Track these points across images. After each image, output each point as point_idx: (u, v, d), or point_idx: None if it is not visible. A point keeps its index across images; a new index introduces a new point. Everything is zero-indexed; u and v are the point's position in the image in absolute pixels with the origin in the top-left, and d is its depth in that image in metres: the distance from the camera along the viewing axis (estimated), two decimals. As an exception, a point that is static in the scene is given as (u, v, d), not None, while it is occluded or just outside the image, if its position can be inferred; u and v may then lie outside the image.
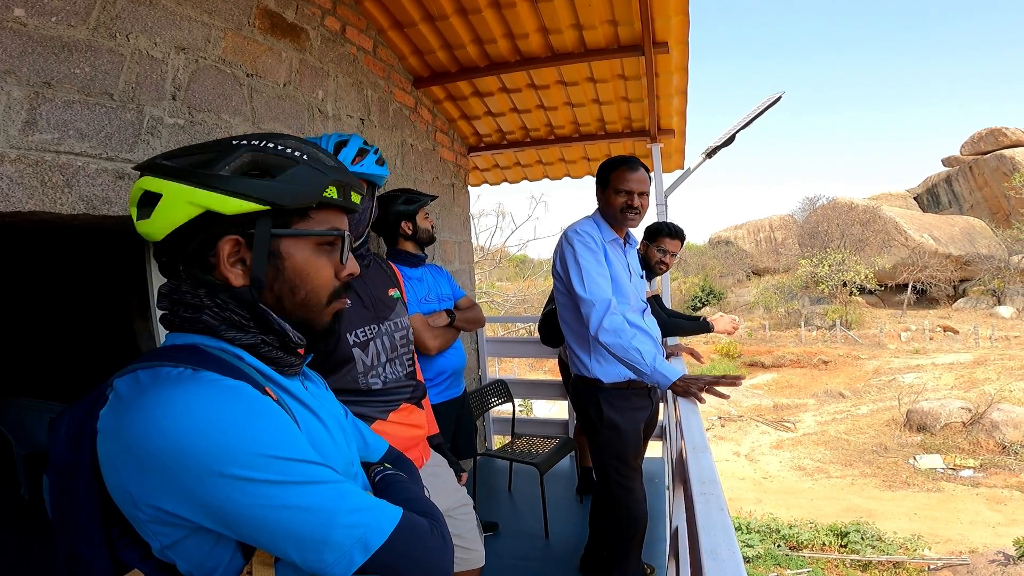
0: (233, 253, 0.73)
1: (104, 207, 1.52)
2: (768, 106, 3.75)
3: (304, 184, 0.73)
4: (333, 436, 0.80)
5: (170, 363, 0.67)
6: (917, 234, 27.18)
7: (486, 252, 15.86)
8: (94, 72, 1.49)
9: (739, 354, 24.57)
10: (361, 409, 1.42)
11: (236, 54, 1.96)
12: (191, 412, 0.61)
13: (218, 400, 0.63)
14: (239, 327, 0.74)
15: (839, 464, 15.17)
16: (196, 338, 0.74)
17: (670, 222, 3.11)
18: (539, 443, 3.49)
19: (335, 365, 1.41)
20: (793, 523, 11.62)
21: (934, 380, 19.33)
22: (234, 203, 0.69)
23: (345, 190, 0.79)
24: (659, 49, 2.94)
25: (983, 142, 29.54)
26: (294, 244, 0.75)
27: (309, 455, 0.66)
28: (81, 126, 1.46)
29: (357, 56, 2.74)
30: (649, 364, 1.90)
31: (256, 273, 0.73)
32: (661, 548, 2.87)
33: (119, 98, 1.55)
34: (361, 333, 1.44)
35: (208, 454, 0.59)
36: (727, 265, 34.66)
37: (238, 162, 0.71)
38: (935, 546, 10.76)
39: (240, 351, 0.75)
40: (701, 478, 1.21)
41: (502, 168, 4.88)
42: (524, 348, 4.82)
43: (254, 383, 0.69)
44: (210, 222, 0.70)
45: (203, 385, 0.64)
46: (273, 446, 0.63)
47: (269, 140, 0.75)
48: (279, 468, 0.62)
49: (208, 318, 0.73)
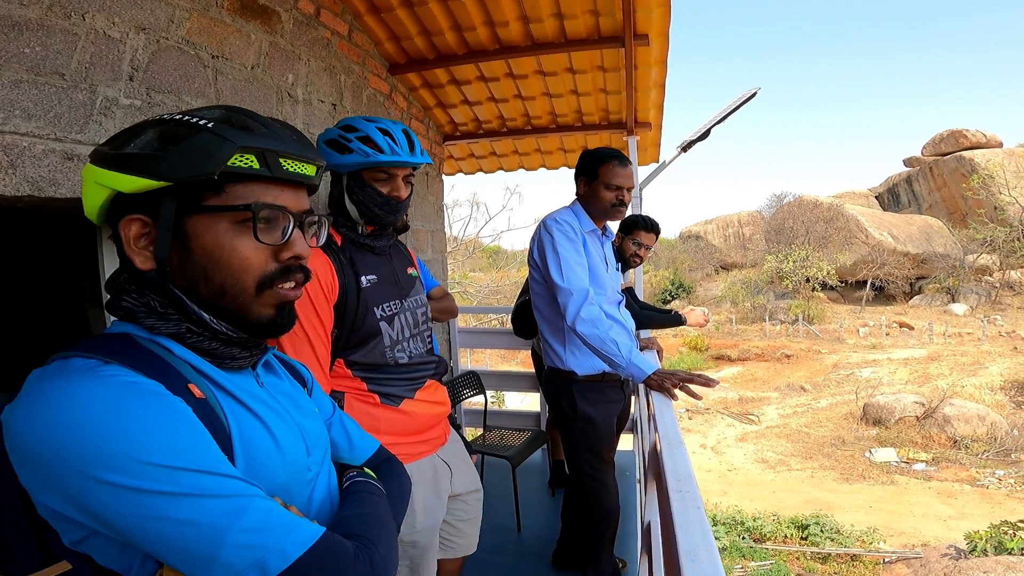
0: (142, 235, 0.68)
1: (51, 189, 1.43)
2: (744, 101, 3.77)
3: (201, 153, 0.65)
4: (278, 440, 0.72)
5: (86, 353, 0.62)
6: (877, 232, 27.91)
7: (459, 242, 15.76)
8: (45, 51, 1.40)
9: (706, 347, 25.02)
10: (390, 388, 1.44)
11: (201, 35, 1.86)
12: (71, 409, 0.55)
13: (105, 397, 0.57)
14: (157, 314, 0.69)
15: (800, 457, 15.57)
16: (129, 327, 0.69)
17: (646, 215, 3.11)
18: (511, 436, 3.47)
19: (363, 339, 1.40)
20: (757, 515, 11.89)
21: (890, 375, 19.93)
22: (128, 180, 0.65)
23: (269, 156, 0.68)
24: (639, 41, 2.92)
25: (944, 143, 30.43)
26: (203, 222, 0.68)
27: (207, 464, 0.59)
28: (28, 106, 1.36)
29: (331, 40, 2.64)
30: (625, 356, 1.88)
31: (158, 253, 0.68)
32: (633, 542, 2.89)
33: (71, 78, 1.46)
34: (387, 308, 1.44)
35: (81, 456, 0.54)
36: (696, 259, 35.17)
37: (144, 137, 0.67)
38: (889, 539, 11.14)
39: (168, 342, 0.69)
40: (677, 475, 1.19)
41: (477, 157, 4.82)
42: (496, 339, 4.79)
43: (176, 379, 0.64)
44: (119, 203, 0.68)
45: (95, 380, 0.58)
46: (158, 452, 0.56)
47: (190, 112, 0.69)
48: (161, 476, 0.56)
49: (128, 304, 0.69)
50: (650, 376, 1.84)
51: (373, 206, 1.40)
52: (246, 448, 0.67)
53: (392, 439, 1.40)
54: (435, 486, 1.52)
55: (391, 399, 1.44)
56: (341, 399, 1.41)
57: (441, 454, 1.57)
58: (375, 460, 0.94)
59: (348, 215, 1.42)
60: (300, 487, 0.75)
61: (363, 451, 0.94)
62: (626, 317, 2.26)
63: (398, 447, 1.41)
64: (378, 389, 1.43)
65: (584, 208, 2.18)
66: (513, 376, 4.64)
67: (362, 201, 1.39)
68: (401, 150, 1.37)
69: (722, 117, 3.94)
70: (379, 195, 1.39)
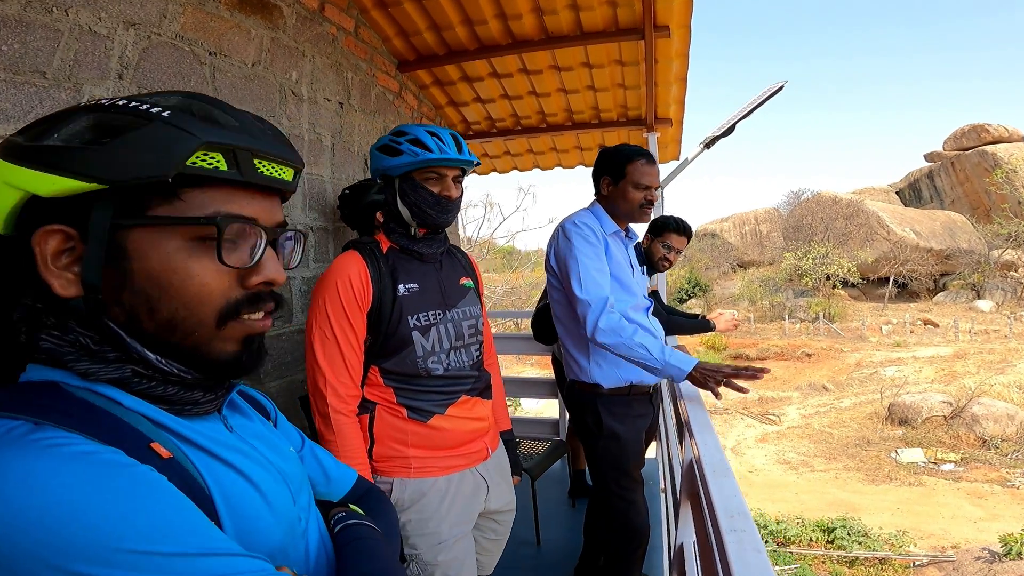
0: (63, 251, 0.53)
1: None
2: (771, 95, 3.62)
3: (149, 149, 0.51)
4: (265, 494, 0.60)
5: (7, 413, 0.47)
6: (899, 228, 27.51)
7: (473, 243, 15.70)
8: (24, 49, 1.31)
9: (724, 347, 24.73)
10: (419, 401, 1.43)
11: (197, 31, 1.76)
12: (15, 493, 0.41)
13: (50, 476, 0.43)
14: (90, 355, 0.54)
15: (823, 458, 15.32)
16: (54, 373, 0.53)
17: (678, 217, 2.95)
18: (529, 445, 3.35)
19: (395, 348, 1.40)
20: (780, 518, 11.70)
21: (915, 373, 19.59)
22: (47, 180, 0.50)
23: (240, 156, 0.55)
24: (660, 33, 2.78)
25: (965, 138, 29.93)
26: (148, 238, 0.53)
27: (202, 544, 0.47)
28: (6, 107, 1.27)
29: (337, 36, 2.54)
30: (659, 358, 1.73)
31: (88, 278, 0.52)
32: (658, 557, 2.75)
33: (53, 77, 1.36)
34: (424, 317, 1.43)
35: (47, 547, 0.41)
36: (713, 258, 34.87)
37: (74, 126, 0.52)
38: (919, 541, 10.90)
39: (111, 390, 0.54)
40: (729, 511, 1.05)
41: (491, 157, 4.71)
42: (511, 344, 4.68)
43: (135, 438, 0.51)
44: (33, 209, 0.52)
45: (30, 452, 0.44)
46: (141, 537, 0.44)
47: (137, 98, 0.55)
48: (153, 566, 0.43)
49: (49, 343, 0.53)
50: (691, 373, 1.70)
51: (425, 206, 1.40)
52: (232, 510, 0.55)
53: (420, 452, 1.42)
54: (467, 501, 1.50)
55: (419, 413, 1.43)
56: (372, 410, 1.41)
57: (480, 469, 1.54)
58: (356, 492, 0.83)
59: (400, 219, 1.43)
60: (295, 542, 0.63)
61: (341, 484, 0.82)
62: (655, 324, 2.13)
63: (427, 460, 1.43)
64: (407, 402, 1.42)
65: (606, 209, 2.04)
66: (530, 382, 4.52)
67: (414, 202, 1.40)
68: (449, 149, 1.38)
69: (748, 112, 3.79)
70: (431, 195, 1.40)
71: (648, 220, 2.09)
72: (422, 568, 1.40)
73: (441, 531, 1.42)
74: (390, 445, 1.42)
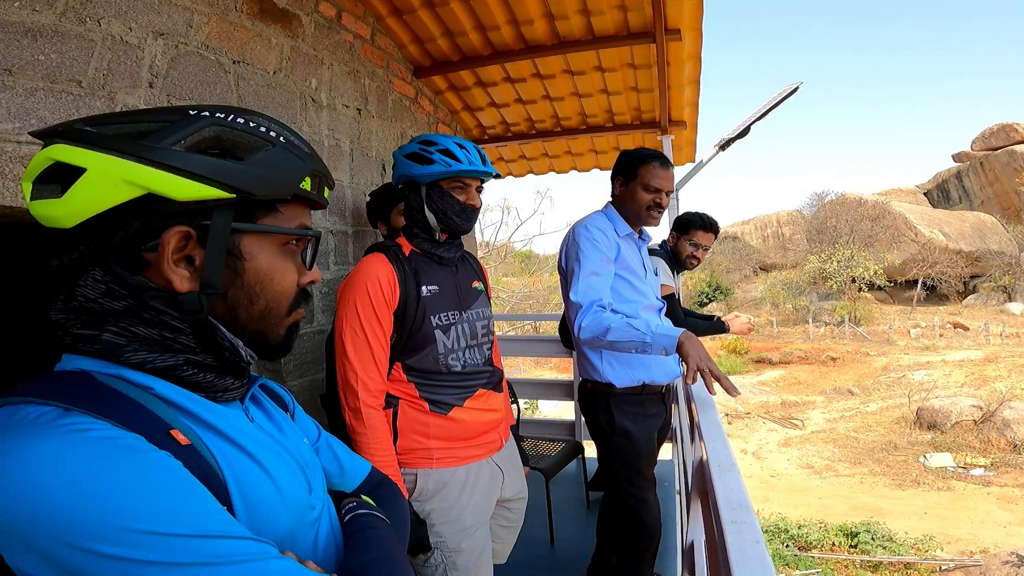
0: (179, 249, 0.58)
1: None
2: (785, 96, 3.61)
3: (279, 171, 0.61)
4: (276, 480, 0.64)
5: (39, 399, 0.51)
6: (927, 230, 26.93)
7: (491, 247, 15.76)
8: (61, 59, 1.38)
9: (746, 350, 24.41)
10: (440, 395, 1.50)
11: (221, 40, 1.84)
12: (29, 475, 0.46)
13: (70, 458, 0.47)
14: (156, 345, 0.59)
15: (848, 462, 15.03)
16: (88, 362, 0.58)
17: (703, 213, 2.93)
18: (545, 446, 3.37)
19: (419, 345, 1.48)
20: (802, 522, 11.51)
21: (944, 377, 19.15)
22: (189, 186, 0.55)
23: (320, 183, 0.67)
24: (671, 36, 2.80)
25: (994, 138, 29.21)
26: (258, 242, 0.62)
27: (211, 527, 0.50)
28: (45, 115, 1.34)
29: (354, 44, 2.61)
30: (647, 331, 1.69)
31: (209, 276, 0.59)
32: (672, 558, 2.76)
33: (88, 85, 1.44)
34: (444, 317, 1.51)
35: (59, 526, 0.45)
36: (734, 260, 34.45)
37: (196, 136, 0.57)
38: (946, 546, 10.64)
39: (150, 379, 0.59)
40: (731, 503, 1.09)
41: (507, 161, 4.75)
42: (530, 346, 4.71)
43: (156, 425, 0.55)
44: (150, 208, 0.56)
45: (55, 436, 0.48)
46: (152, 519, 0.48)
47: (238, 114, 0.61)
48: (162, 546, 0.47)
49: (111, 337, 0.57)
50: (681, 339, 1.65)
51: (452, 214, 1.49)
52: (244, 495, 0.59)
53: (441, 443, 1.49)
54: (485, 489, 1.57)
55: (440, 406, 1.50)
56: (396, 405, 1.48)
57: (496, 459, 1.62)
58: (369, 484, 0.86)
59: (424, 225, 1.51)
60: (304, 530, 0.67)
61: (355, 475, 0.86)
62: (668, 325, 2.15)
63: (448, 451, 1.51)
64: (428, 395, 1.49)
65: (618, 210, 2.07)
66: (547, 384, 4.54)
67: (441, 210, 1.49)
68: (476, 161, 1.47)
69: (762, 114, 3.77)
70: (457, 203, 1.49)
71: (655, 224, 2.08)
72: (446, 555, 1.45)
73: (464, 519, 1.48)
74: (412, 438, 1.48)
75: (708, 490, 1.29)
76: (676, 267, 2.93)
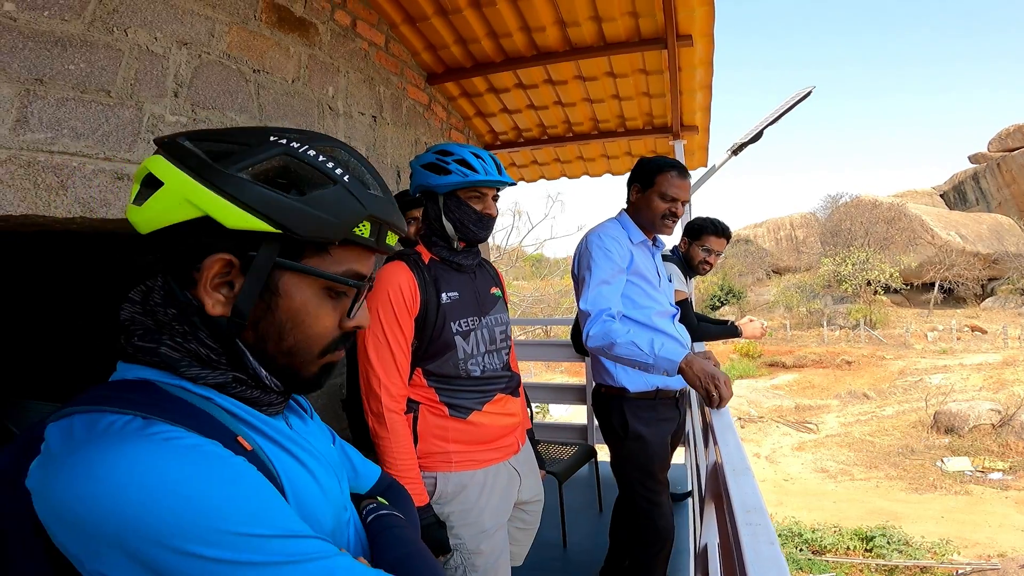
0: (221, 274, 0.59)
1: (102, 209, 1.45)
2: (797, 101, 3.60)
3: (333, 212, 0.59)
4: (320, 482, 0.67)
5: (114, 408, 0.53)
6: (944, 232, 26.60)
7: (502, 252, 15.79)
8: (90, 68, 1.42)
9: (759, 354, 24.22)
10: (459, 399, 1.51)
11: (242, 49, 1.89)
12: (134, 482, 0.48)
13: (171, 466, 0.50)
14: (205, 362, 0.60)
15: (863, 466, 14.87)
16: (148, 372, 0.59)
17: (714, 218, 2.93)
18: (557, 450, 3.38)
19: (439, 351, 1.49)
20: (816, 526, 11.39)
21: (962, 381, 18.89)
22: (237, 215, 0.56)
23: (382, 229, 0.64)
24: (682, 42, 2.82)
25: (1011, 138, 28.85)
26: (297, 281, 0.61)
27: (291, 527, 0.53)
28: (76, 124, 1.38)
29: (369, 52, 2.65)
30: (649, 352, 1.70)
31: (241, 305, 0.59)
32: (685, 560, 2.76)
33: (117, 95, 1.48)
34: (464, 323, 1.53)
35: (161, 530, 0.48)
36: (746, 264, 34.21)
37: (266, 164, 0.57)
38: (964, 550, 10.49)
39: (207, 391, 0.61)
40: (745, 505, 1.10)
41: (519, 167, 4.78)
42: (541, 351, 4.73)
43: (224, 433, 0.57)
44: (205, 230, 0.57)
45: (152, 444, 0.50)
46: (245, 521, 0.51)
47: (312, 144, 0.60)
48: (254, 546, 0.50)
49: (168, 351, 0.59)
50: (681, 365, 1.65)
51: (469, 223, 1.51)
52: (297, 497, 0.62)
53: (460, 447, 1.51)
54: (503, 492, 1.58)
55: (459, 411, 1.51)
56: (416, 409, 1.50)
57: (513, 462, 1.64)
58: (380, 486, 0.89)
59: (443, 233, 1.53)
60: (341, 529, 0.70)
61: (367, 478, 0.89)
62: (681, 331, 2.15)
63: (467, 454, 1.52)
64: (448, 400, 1.51)
65: (633, 217, 2.08)
66: (559, 388, 4.56)
67: (459, 219, 1.50)
68: (493, 171, 1.49)
69: (775, 118, 3.76)
70: (474, 212, 1.50)
71: (669, 233, 2.08)
72: (465, 557, 1.47)
73: (483, 521, 1.50)
74: (432, 442, 1.50)
75: (722, 493, 1.30)
76: (688, 272, 2.94)
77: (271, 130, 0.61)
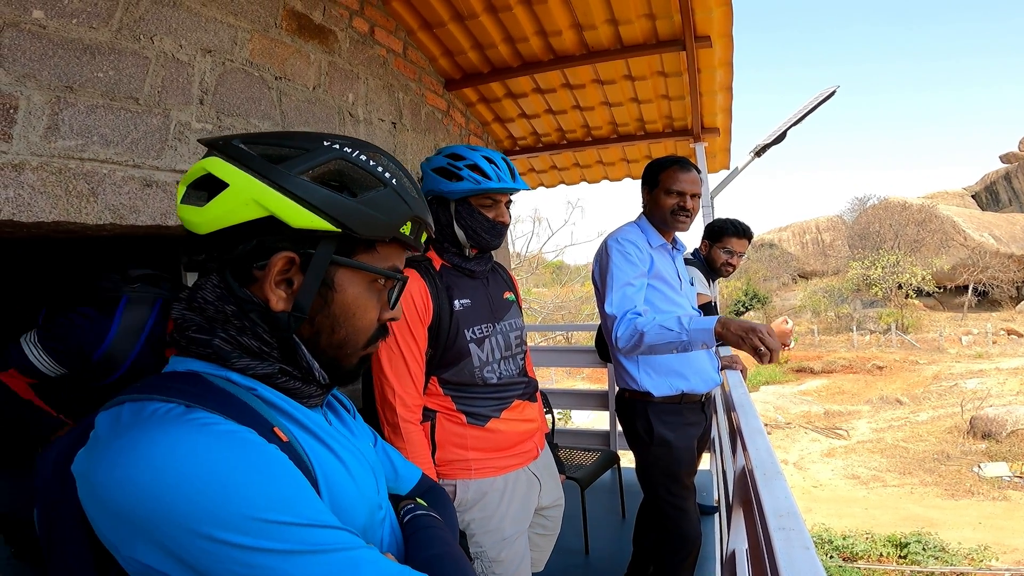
0: (282, 271, 0.63)
1: (132, 216, 1.48)
2: (821, 101, 3.54)
3: (385, 212, 0.64)
4: (355, 478, 0.68)
5: (161, 396, 0.56)
6: (977, 233, 25.91)
7: (522, 258, 15.81)
8: (118, 76, 1.46)
9: (786, 359, 23.78)
10: (477, 407, 1.49)
11: (264, 56, 1.92)
12: (171, 464, 0.50)
13: (207, 450, 0.52)
14: (255, 354, 0.64)
15: (897, 472, 14.50)
16: (198, 364, 0.63)
17: (734, 219, 2.89)
18: (580, 456, 3.36)
19: (454, 359, 1.47)
20: (847, 533, 11.11)
21: (998, 385, 18.35)
22: (305, 215, 0.60)
23: (420, 228, 0.71)
24: (701, 43, 2.80)
25: (1044, 136, 27.98)
26: (350, 277, 0.66)
27: (318, 517, 0.55)
28: (105, 132, 1.42)
29: (387, 58, 2.69)
30: (681, 328, 1.68)
31: (301, 300, 0.63)
32: (711, 567, 2.71)
33: (144, 102, 1.52)
34: (478, 330, 1.50)
35: (190, 514, 0.49)
36: (771, 268, 33.69)
37: (324, 167, 0.62)
38: (1002, 556, 10.16)
39: (252, 382, 0.64)
40: (778, 510, 1.06)
41: (538, 172, 4.78)
42: (563, 357, 4.72)
43: (262, 423, 0.59)
44: (269, 229, 0.61)
45: (191, 429, 0.53)
46: (272, 508, 0.52)
47: (362, 150, 0.65)
48: (278, 534, 0.51)
49: (220, 343, 0.63)
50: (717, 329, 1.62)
51: (481, 231, 1.48)
52: (331, 490, 0.63)
53: (479, 454, 1.49)
54: (524, 498, 1.56)
55: (477, 419, 1.50)
56: (433, 418, 1.48)
57: (532, 467, 1.62)
58: (420, 488, 0.90)
59: (454, 240, 1.50)
60: (374, 527, 0.71)
61: (408, 480, 0.90)
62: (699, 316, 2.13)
63: (486, 461, 1.50)
64: (465, 408, 1.49)
65: (649, 220, 2.08)
66: (581, 395, 4.52)
67: (470, 226, 1.47)
68: (505, 176, 1.44)
69: (798, 119, 3.71)
70: (486, 220, 1.47)
71: (684, 228, 2.07)
72: (486, 566, 1.45)
73: (504, 528, 1.48)
74: (451, 450, 1.49)
75: (752, 498, 1.27)
76: (711, 275, 2.90)
77: (323, 135, 0.65)
